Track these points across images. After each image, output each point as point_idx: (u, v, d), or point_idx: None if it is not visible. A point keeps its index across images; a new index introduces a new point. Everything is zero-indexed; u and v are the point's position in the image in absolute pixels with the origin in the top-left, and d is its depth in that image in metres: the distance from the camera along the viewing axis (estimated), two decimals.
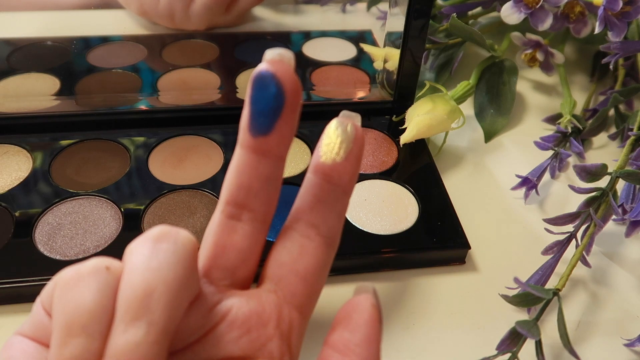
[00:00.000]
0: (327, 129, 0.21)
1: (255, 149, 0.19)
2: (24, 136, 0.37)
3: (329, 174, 0.20)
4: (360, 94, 0.43)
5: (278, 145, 0.20)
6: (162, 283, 0.17)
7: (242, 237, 0.20)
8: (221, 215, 0.20)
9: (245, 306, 0.19)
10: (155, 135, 0.38)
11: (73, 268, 0.17)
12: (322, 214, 0.21)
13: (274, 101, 0.19)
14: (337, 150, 0.20)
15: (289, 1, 0.57)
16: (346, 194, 0.21)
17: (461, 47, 0.46)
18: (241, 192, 0.20)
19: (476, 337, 0.29)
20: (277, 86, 0.19)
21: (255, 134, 0.19)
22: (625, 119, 0.42)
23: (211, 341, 0.19)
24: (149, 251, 0.17)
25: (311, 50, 0.48)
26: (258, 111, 0.19)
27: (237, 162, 0.20)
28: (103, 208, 0.33)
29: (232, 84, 0.43)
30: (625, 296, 0.31)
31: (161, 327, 0.16)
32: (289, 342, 0.20)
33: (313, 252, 0.20)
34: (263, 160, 0.20)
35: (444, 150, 0.40)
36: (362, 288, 0.20)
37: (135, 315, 0.16)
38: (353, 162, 0.21)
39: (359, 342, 0.18)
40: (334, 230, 0.21)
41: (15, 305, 0.29)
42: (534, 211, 0.36)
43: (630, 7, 0.38)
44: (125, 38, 0.48)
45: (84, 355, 0.16)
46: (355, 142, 0.21)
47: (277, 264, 0.20)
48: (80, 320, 0.16)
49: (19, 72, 0.42)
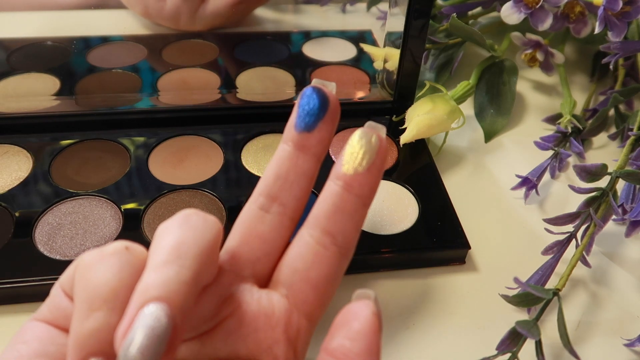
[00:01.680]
0: (351, 139, 0.22)
1: (298, 143, 0.22)
2: (24, 136, 0.37)
3: (350, 183, 0.21)
4: (360, 94, 0.43)
5: (318, 143, 0.22)
6: (193, 238, 0.18)
7: (269, 229, 0.21)
8: (253, 205, 0.21)
9: (255, 305, 0.20)
10: (155, 135, 0.38)
11: (94, 251, 0.18)
12: (339, 224, 0.21)
13: (320, 105, 0.22)
14: (359, 161, 0.21)
15: (289, 1, 0.57)
16: (365, 205, 0.21)
17: (461, 47, 0.46)
18: (277, 183, 0.21)
19: (476, 337, 0.29)
20: (322, 96, 0.22)
21: (299, 129, 0.22)
22: (625, 119, 0.42)
23: (220, 335, 0.19)
24: (179, 221, 0.18)
25: (311, 50, 0.48)
26: (305, 111, 0.22)
27: (278, 155, 0.22)
28: (103, 208, 0.33)
29: (232, 84, 0.43)
30: (625, 296, 0.31)
31: (192, 272, 0.17)
32: (295, 348, 0.20)
33: (327, 262, 0.20)
34: (302, 155, 0.22)
35: (444, 150, 0.40)
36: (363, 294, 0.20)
37: (167, 259, 0.17)
38: (375, 174, 0.21)
39: (359, 352, 0.17)
40: (350, 241, 0.21)
41: (15, 305, 0.29)
42: (534, 211, 0.36)
43: (630, 7, 0.38)
44: (126, 38, 0.48)
45: (105, 328, 0.17)
46: (378, 154, 0.21)
47: (291, 270, 0.20)
48: (101, 295, 0.17)
49: (19, 72, 0.42)
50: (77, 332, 0.17)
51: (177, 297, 0.16)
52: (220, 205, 0.33)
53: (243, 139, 0.38)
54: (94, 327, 0.16)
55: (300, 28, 0.52)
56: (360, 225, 0.21)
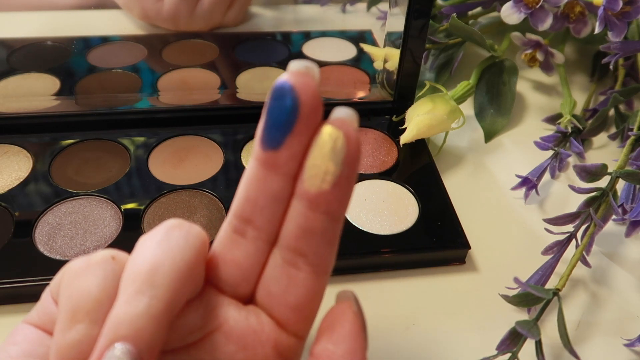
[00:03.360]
0: (313, 145, 0.18)
1: (264, 162, 0.18)
2: (24, 136, 0.37)
3: (315, 202, 0.18)
4: (360, 94, 0.43)
5: (287, 161, 0.18)
6: (170, 261, 0.17)
7: (244, 255, 0.19)
8: (227, 227, 0.20)
9: (243, 321, 0.19)
10: (155, 135, 0.38)
11: (81, 258, 0.18)
12: (309, 244, 0.18)
13: (288, 114, 0.17)
14: (322, 176, 0.17)
15: (289, 1, 0.57)
16: (337, 220, 0.18)
17: (461, 47, 0.46)
18: (247, 206, 0.19)
19: (476, 337, 0.29)
20: (293, 99, 0.17)
21: (265, 147, 0.18)
22: (625, 119, 0.42)
23: (206, 347, 0.19)
24: (160, 236, 0.18)
25: (311, 50, 0.48)
26: (271, 123, 0.18)
27: (247, 173, 0.19)
28: (103, 208, 0.33)
29: (232, 84, 0.43)
30: (625, 296, 0.31)
31: (163, 304, 0.17)
32: None
33: (302, 283, 0.19)
34: (271, 175, 0.18)
35: (444, 150, 0.40)
36: (343, 295, 0.19)
37: (140, 289, 0.17)
38: (344, 186, 0.18)
39: (342, 353, 0.17)
40: (324, 259, 0.19)
41: (15, 305, 0.29)
42: (534, 211, 0.36)
43: (630, 7, 0.38)
44: (125, 38, 0.48)
45: (86, 340, 0.17)
46: (346, 162, 0.17)
47: (267, 294, 0.19)
48: (84, 307, 0.17)
49: (19, 72, 0.42)
50: (58, 343, 0.17)
51: (146, 334, 0.16)
52: (220, 205, 0.33)
53: (243, 139, 0.38)
54: (75, 339, 0.17)
55: (300, 28, 0.52)
56: (335, 241, 0.19)
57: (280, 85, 0.18)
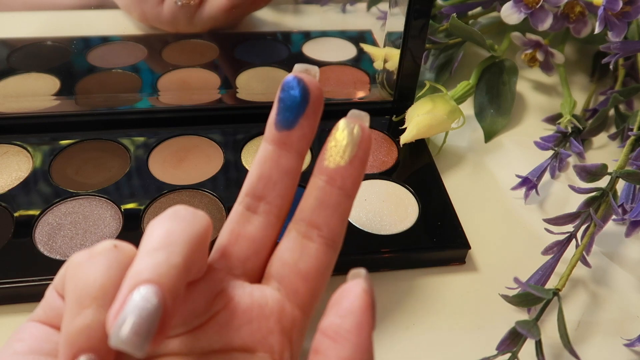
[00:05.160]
0: (333, 131, 0.21)
1: (279, 142, 0.21)
2: (24, 136, 0.37)
3: (332, 177, 0.21)
4: (360, 94, 0.43)
5: (299, 140, 0.21)
6: (181, 229, 0.18)
7: (256, 229, 0.21)
8: (239, 206, 0.22)
9: (248, 297, 0.20)
10: (155, 135, 0.38)
11: (84, 251, 0.19)
12: (324, 217, 0.21)
13: (300, 100, 0.21)
14: (341, 154, 0.21)
15: (289, 1, 0.57)
16: (349, 197, 0.21)
17: (461, 47, 0.46)
18: (260, 183, 0.21)
19: (476, 337, 0.29)
20: (303, 89, 0.21)
21: (280, 128, 0.21)
22: (625, 119, 0.42)
23: (213, 328, 0.19)
24: (170, 213, 0.19)
25: (311, 50, 0.48)
26: (285, 107, 0.21)
27: (260, 155, 0.22)
28: (103, 208, 0.33)
29: (232, 84, 0.43)
30: (625, 296, 0.31)
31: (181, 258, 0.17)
32: (290, 337, 0.20)
33: (314, 254, 0.21)
34: (284, 153, 0.21)
35: (444, 150, 0.40)
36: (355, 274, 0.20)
37: (157, 247, 0.17)
38: (357, 166, 0.21)
39: (349, 328, 0.18)
40: (336, 233, 0.21)
41: (15, 305, 0.29)
42: (534, 211, 0.36)
43: (630, 7, 0.38)
44: (125, 38, 0.48)
45: (95, 324, 0.17)
46: (360, 145, 0.21)
47: (280, 263, 0.21)
48: (90, 293, 0.17)
49: (19, 72, 0.42)
50: (67, 329, 0.17)
51: (167, 280, 0.17)
52: (220, 205, 0.33)
53: (243, 139, 0.38)
54: (83, 324, 0.17)
55: (300, 28, 0.52)
56: (346, 216, 0.21)
57: (290, 79, 0.21)
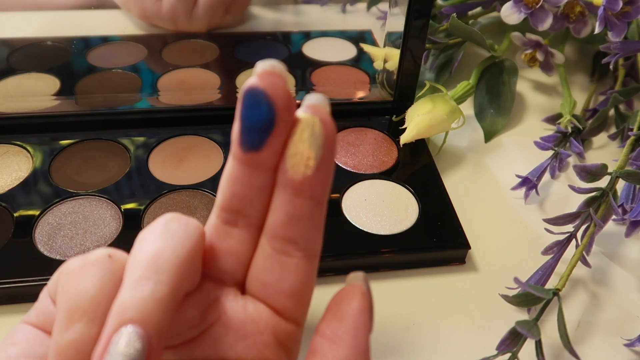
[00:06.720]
0: (292, 134, 0.18)
1: (247, 162, 0.19)
2: (24, 136, 0.37)
3: (299, 189, 0.18)
4: (360, 94, 0.43)
5: (270, 158, 0.18)
6: (172, 249, 0.17)
7: (239, 242, 0.20)
8: (217, 220, 0.20)
9: (241, 311, 0.19)
10: (155, 135, 0.38)
11: (77, 258, 0.18)
12: (299, 230, 0.19)
13: (266, 119, 0.17)
14: (305, 162, 0.18)
15: (289, 1, 0.57)
16: (321, 203, 0.19)
17: (461, 47, 0.46)
18: (235, 201, 0.19)
19: (476, 337, 0.29)
20: (268, 104, 0.17)
21: (246, 150, 0.18)
22: (625, 119, 0.42)
23: (207, 341, 0.19)
24: (160, 227, 0.18)
25: (311, 50, 0.48)
26: (249, 128, 0.18)
27: (229, 172, 0.19)
28: (103, 208, 0.33)
29: (232, 84, 0.43)
30: (625, 296, 0.31)
31: (168, 288, 0.17)
32: (287, 349, 0.20)
33: (295, 269, 0.19)
34: (255, 172, 0.19)
35: (444, 150, 0.40)
36: (353, 277, 0.20)
37: (144, 275, 0.17)
38: (325, 170, 0.18)
39: (346, 329, 0.18)
40: (314, 242, 0.19)
41: (15, 305, 0.29)
42: (534, 211, 0.36)
43: (630, 7, 0.38)
44: (125, 38, 0.48)
45: (84, 339, 0.17)
46: (325, 145, 0.18)
47: (261, 285, 0.19)
48: (81, 306, 0.17)
49: (19, 72, 0.42)
50: (57, 343, 0.17)
51: (153, 317, 0.16)
52: None
53: None
54: (73, 339, 0.16)
55: (300, 28, 0.52)
56: (322, 223, 0.19)
57: (251, 91, 0.17)
